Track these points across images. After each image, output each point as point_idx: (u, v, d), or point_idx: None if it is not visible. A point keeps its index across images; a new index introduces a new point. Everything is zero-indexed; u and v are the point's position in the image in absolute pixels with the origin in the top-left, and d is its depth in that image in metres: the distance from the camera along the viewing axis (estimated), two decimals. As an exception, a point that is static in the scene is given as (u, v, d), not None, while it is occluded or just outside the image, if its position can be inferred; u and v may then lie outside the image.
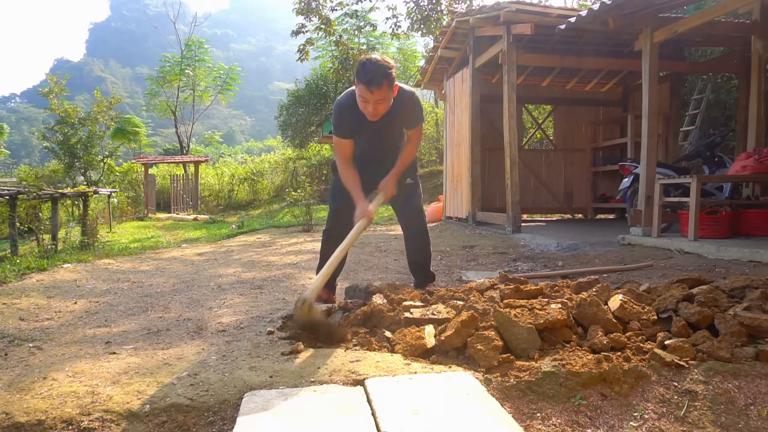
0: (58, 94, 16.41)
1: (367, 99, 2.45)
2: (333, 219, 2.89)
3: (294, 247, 5.83)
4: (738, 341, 1.82)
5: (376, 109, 2.48)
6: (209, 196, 18.90)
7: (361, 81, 2.41)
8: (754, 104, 5.44)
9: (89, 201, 8.52)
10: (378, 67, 2.40)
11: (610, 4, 4.34)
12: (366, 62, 2.43)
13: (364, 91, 2.43)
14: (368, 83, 2.39)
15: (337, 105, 2.66)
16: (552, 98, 8.82)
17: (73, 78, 23.07)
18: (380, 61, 2.43)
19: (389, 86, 2.45)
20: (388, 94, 2.48)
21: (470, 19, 6.50)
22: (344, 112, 2.63)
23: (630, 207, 5.53)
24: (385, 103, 2.50)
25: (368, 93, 2.42)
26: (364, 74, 2.40)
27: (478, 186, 7.07)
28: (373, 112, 2.50)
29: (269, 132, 54.18)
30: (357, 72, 2.44)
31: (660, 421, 1.52)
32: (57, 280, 3.82)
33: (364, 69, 2.41)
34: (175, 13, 25.78)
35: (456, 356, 1.87)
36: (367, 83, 2.39)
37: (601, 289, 2.22)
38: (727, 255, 3.79)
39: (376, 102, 2.45)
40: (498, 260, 4.44)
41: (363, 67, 2.42)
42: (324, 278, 2.27)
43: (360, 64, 2.45)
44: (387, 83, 2.42)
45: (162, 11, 32.20)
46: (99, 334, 2.39)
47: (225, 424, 1.50)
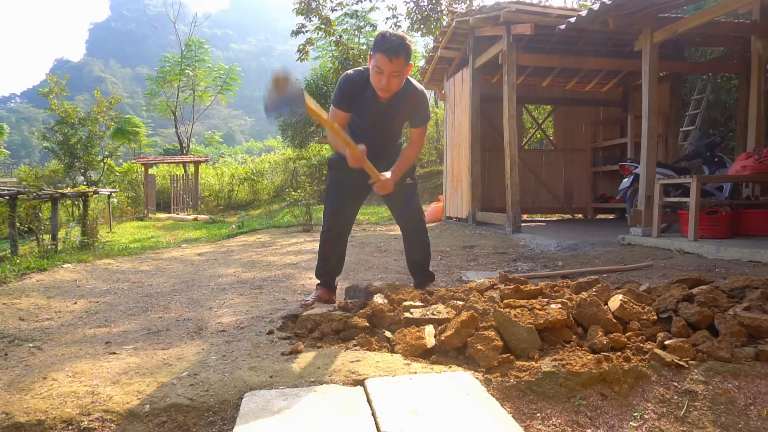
0: (58, 94, 16.41)
1: (382, 69, 2.40)
2: (331, 219, 2.83)
3: (294, 247, 5.83)
4: (738, 341, 1.82)
5: (390, 82, 2.43)
6: (209, 196, 18.90)
7: (380, 49, 2.37)
8: (754, 104, 5.44)
9: (89, 201, 8.52)
10: (398, 37, 2.38)
11: (610, 4, 4.34)
12: (385, 33, 2.41)
13: (382, 60, 2.37)
14: (387, 51, 2.35)
15: (345, 76, 2.60)
16: (552, 98, 8.82)
17: (73, 78, 23.07)
18: (399, 33, 2.42)
19: (406, 59, 2.42)
20: (404, 68, 2.43)
21: (470, 19, 6.50)
22: (349, 86, 2.57)
23: (630, 207, 5.53)
24: (399, 78, 2.45)
25: (386, 61, 2.37)
26: (384, 42, 2.36)
27: (478, 186, 7.07)
28: (387, 85, 2.44)
29: (269, 132, 54.19)
30: (375, 42, 2.41)
31: (660, 421, 1.52)
32: (57, 280, 3.82)
33: (384, 38, 2.38)
34: (175, 13, 25.79)
35: (456, 356, 1.87)
36: (387, 51, 2.35)
37: (601, 289, 2.22)
38: (727, 255, 3.79)
39: (391, 73, 2.40)
40: (498, 260, 4.44)
41: (383, 37, 2.38)
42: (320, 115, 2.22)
43: (379, 35, 2.42)
44: (405, 55, 2.40)
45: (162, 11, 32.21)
46: (99, 334, 2.39)
47: (225, 424, 1.50)
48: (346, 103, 2.60)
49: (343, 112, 2.61)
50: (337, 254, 2.87)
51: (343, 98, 2.59)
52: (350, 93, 2.57)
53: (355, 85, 2.57)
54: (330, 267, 2.87)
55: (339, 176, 2.80)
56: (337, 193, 2.82)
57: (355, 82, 2.57)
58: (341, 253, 2.90)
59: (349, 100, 2.59)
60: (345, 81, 2.59)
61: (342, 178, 2.77)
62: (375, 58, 2.42)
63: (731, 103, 8.06)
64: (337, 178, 2.82)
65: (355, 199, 2.88)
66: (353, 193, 2.78)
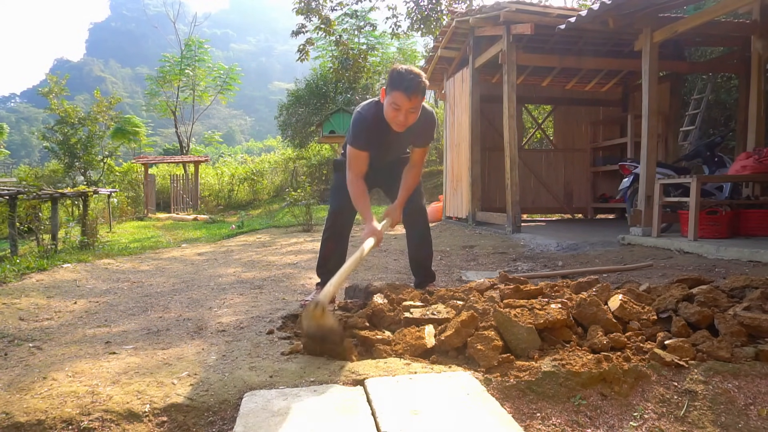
0: (58, 94, 16.39)
1: (400, 107, 2.40)
2: (333, 218, 2.87)
3: (294, 247, 5.83)
4: (738, 341, 1.82)
5: (407, 119, 2.45)
6: (209, 196, 18.89)
7: (399, 88, 2.37)
8: (754, 104, 5.44)
9: (89, 201, 8.51)
10: (416, 75, 2.39)
11: (610, 4, 4.34)
12: (403, 70, 2.40)
13: (401, 98, 2.38)
14: (407, 89, 2.36)
15: (360, 116, 2.58)
16: (552, 98, 8.82)
17: (73, 78, 23.07)
18: (415, 70, 2.42)
19: (422, 96, 2.44)
20: (420, 104, 2.46)
21: (470, 19, 6.50)
22: (366, 124, 2.56)
23: (630, 207, 5.53)
24: (416, 114, 2.47)
25: (406, 100, 2.38)
26: (403, 81, 2.36)
27: (478, 186, 7.07)
28: (404, 122, 2.46)
29: (269, 132, 54.16)
30: (393, 79, 2.40)
31: (660, 421, 1.52)
32: (57, 280, 3.82)
33: (401, 76, 2.38)
34: (175, 13, 25.77)
35: (456, 356, 1.87)
36: (406, 89, 2.36)
37: (601, 289, 2.22)
38: (726, 255, 3.79)
39: (408, 111, 2.42)
40: (498, 260, 4.44)
41: (401, 75, 2.38)
42: (336, 287, 2.11)
43: (396, 72, 2.41)
44: (422, 93, 2.42)
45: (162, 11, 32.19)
46: (99, 334, 2.39)
47: (225, 424, 1.50)
48: (365, 141, 2.58)
49: (364, 152, 2.60)
50: (338, 253, 2.89)
51: (361, 138, 2.57)
52: (368, 132, 2.57)
53: (371, 122, 2.57)
54: (331, 266, 2.87)
55: (343, 177, 2.82)
56: (342, 193, 2.84)
57: (370, 119, 2.57)
58: (342, 252, 2.92)
59: (368, 138, 2.58)
60: (361, 122, 2.57)
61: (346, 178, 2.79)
62: (392, 95, 2.41)
63: (731, 102, 8.06)
64: (342, 179, 2.84)
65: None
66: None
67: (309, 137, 17.54)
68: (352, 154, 2.60)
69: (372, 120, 2.56)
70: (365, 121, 2.57)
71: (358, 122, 2.57)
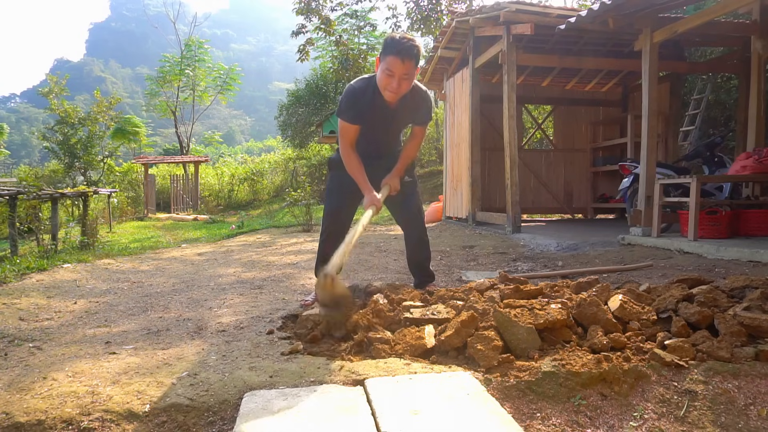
0: (58, 94, 16.40)
1: (393, 72, 2.40)
2: (331, 219, 2.84)
3: (294, 247, 5.83)
4: (738, 341, 1.82)
5: (400, 85, 2.44)
6: (209, 196, 18.90)
7: (392, 52, 2.37)
8: (753, 104, 5.44)
9: (89, 201, 8.52)
10: (409, 40, 2.39)
11: (610, 4, 4.34)
12: (396, 36, 2.42)
13: (395, 63, 2.38)
14: (400, 53, 2.36)
15: (350, 88, 2.58)
16: (552, 98, 8.82)
17: (73, 78, 23.06)
18: (409, 36, 2.43)
19: (416, 62, 2.43)
20: (413, 70, 2.45)
21: (470, 19, 6.50)
22: (356, 97, 2.55)
23: (630, 207, 5.53)
24: (408, 81, 2.46)
25: (399, 63, 2.37)
26: (396, 44, 2.37)
27: (478, 186, 7.07)
28: (397, 88, 2.45)
29: (269, 132, 54.18)
30: (387, 45, 2.41)
31: (660, 421, 1.52)
32: (57, 280, 3.82)
33: (395, 41, 2.38)
34: (175, 14, 25.77)
35: (456, 356, 1.87)
36: (399, 53, 2.36)
37: (601, 289, 2.22)
38: (726, 255, 3.79)
39: (401, 76, 2.41)
40: (498, 260, 4.44)
41: (393, 40, 2.39)
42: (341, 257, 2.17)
43: (389, 38, 2.42)
44: (416, 58, 2.41)
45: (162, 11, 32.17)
46: (99, 334, 2.39)
47: (225, 424, 1.50)
48: (354, 114, 2.58)
49: (353, 125, 2.60)
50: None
51: (351, 110, 2.57)
52: (357, 104, 2.56)
53: (363, 94, 2.56)
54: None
55: (339, 176, 2.81)
56: (338, 192, 2.84)
57: (361, 92, 2.56)
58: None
59: (358, 110, 2.57)
60: (351, 92, 2.57)
61: (342, 177, 2.78)
62: (386, 60, 2.41)
63: (731, 103, 8.06)
64: (338, 178, 2.83)
65: (355, 199, 2.89)
66: (353, 192, 2.78)
67: (309, 137, 17.55)
68: (342, 128, 2.62)
69: (360, 90, 2.55)
70: (353, 90, 2.56)
71: (348, 93, 2.58)
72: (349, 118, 2.59)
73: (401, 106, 2.61)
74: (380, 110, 2.58)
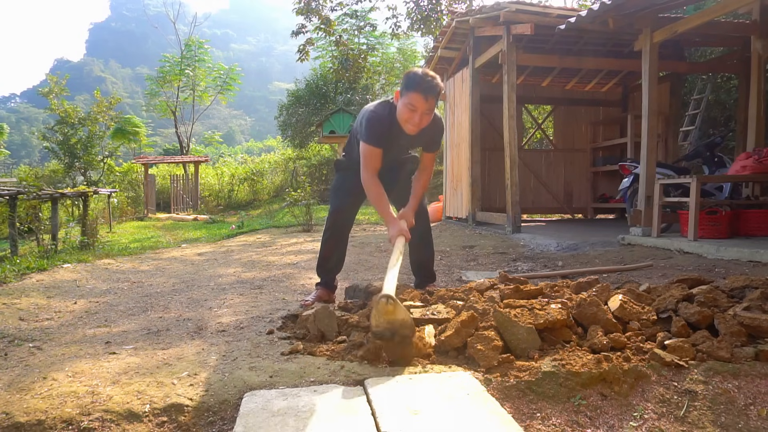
0: (58, 94, 16.39)
1: (416, 108, 2.43)
2: (333, 218, 2.86)
3: (294, 247, 5.83)
4: (738, 341, 1.82)
5: (422, 120, 2.47)
6: (209, 196, 18.88)
7: (416, 89, 2.40)
8: (753, 104, 5.44)
9: (89, 201, 8.51)
10: (433, 78, 2.43)
11: (610, 4, 4.35)
12: (420, 72, 2.44)
13: (419, 100, 2.41)
14: (425, 91, 2.39)
15: (375, 116, 2.58)
16: (552, 98, 8.83)
17: (73, 78, 23.06)
18: (431, 74, 2.46)
19: (438, 98, 2.49)
20: (435, 106, 2.50)
21: (470, 19, 6.50)
22: (383, 124, 2.57)
23: (630, 207, 5.53)
24: (429, 116, 2.50)
25: (422, 101, 2.41)
26: (420, 82, 2.40)
27: (478, 186, 7.07)
28: (419, 123, 2.48)
29: (269, 132, 54.17)
30: (410, 80, 2.43)
31: (660, 421, 1.52)
32: (57, 280, 3.82)
33: (419, 78, 2.41)
34: (175, 13, 25.76)
35: (456, 356, 1.87)
36: (424, 91, 2.39)
37: (601, 289, 2.22)
38: (726, 255, 3.79)
39: (424, 112, 2.45)
40: (498, 260, 4.44)
41: (418, 76, 2.42)
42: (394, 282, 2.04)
43: (413, 74, 2.45)
44: (437, 96, 2.46)
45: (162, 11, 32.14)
46: (99, 334, 2.39)
47: (225, 424, 1.50)
48: (380, 140, 2.58)
49: (379, 149, 2.60)
50: (338, 253, 2.91)
51: (378, 136, 2.57)
52: (383, 130, 2.58)
53: (386, 120, 2.58)
54: (331, 265, 2.91)
55: (344, 176, 2.87)
56: (342, 192, 2.87)
57: (384, 119, 2.58)
58: (342, 251, 2.94)
59: (384, 137, 2.58)
60: (377, 120, 2.57)
61: (347, 178, 2.82)
62: (409, 96, 2.43)
63: (731, 103, 8.06)
64: (343, 178, 2.88)
65: (358, 199, 2.91)
66: (358, 194, 2.81)
67: (309, 137, 17.55)
68: (368, 152, 2.58)
69: (385, 117, 2.58)
70: (379, 118, 2.57)
71: (376, 121, 2.57)
72: (376, 143, 2.57)
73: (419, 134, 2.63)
74: (398, 137, 2.61)
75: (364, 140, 2.59)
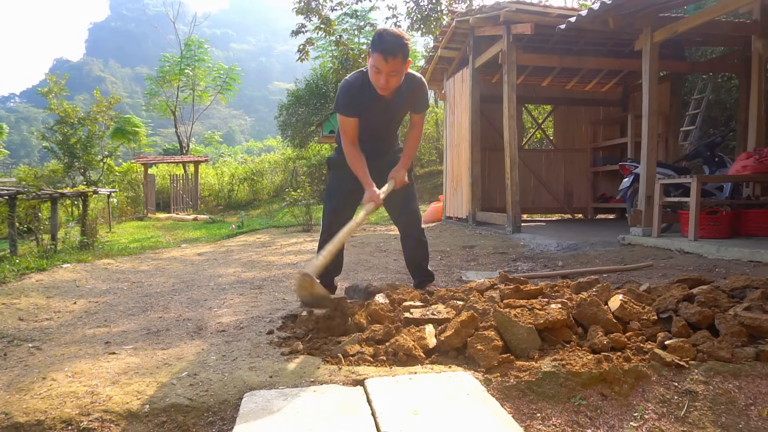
0: (57, 93, 16.38)
1: (380, 69, 2.41)
2: (330, 219, 2.82)
3: (294, 247, 5.83)
4: (738, 341, 1.82)
5: (388, 81, 2.45)
6: (209, 196, 18.89)
7: (377, 50, 2.38)
8: (754, 104, 5.44)
9: (89, 201, 8.51)
10: (395, 37, 2.39)
11: (610, 4, 4.34)
12: (383, 32, 2.42)
13: (379, 61, 2.39)
14: (384, 52, 2.37)
15: (345, 83, 2.61)
16: (552, 98, 8.82)
17: (72, 78, 23.07)
18: (397, 32, 2.43)
19: (404, 59, 2.43)
20: (402, 67, 2.45)
21: (470, 18, 6.50)
22: (351, 91, 2.58)
23: (630, 207, 5.53)
24: (398, 77, 2.47)
25: (383, 62, 2.38)
26: (381, 43, 2.38)
27: (478, 186, 7.07)
28: (385, 85, 2.46)
29: (269, 132, 54.16)
30: (373, 41, 2.42)
31: (660, 421, 1.52)
32: (56, 280, 3.81)
33: (381, 38, 2.39)
34: (174, 13, 25.78)
35: (456, 356, 1.87)
36: (383, 52, 2.37)
37: (601, 289, 2.22)
38: (727, 255, 3.79)
39: (389, 73, 2.42)
40: (498, 260, 4.44)
41: (380, 37, 2.40)
42: (326, 259, 2.24)
43: (377, 34, 2.43)
44: (402, 55, 2.41)
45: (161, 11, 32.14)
46: (98, 334, 2.39)
47: (225, 424, 1.49)
48: (351, 108, 2.60)
49: (352, 119, 2.62)
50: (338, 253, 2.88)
51: (348, 105, 2.60)
52: (353, 98, 2.59)
53: (356, 89, 2.58)
54: (330, 267, 2.87)
55: (339, 175, 2.82)
56: (338, 192, 2.84)
57: (354, 86, 2.58)
58: (340, 253, 2.91)
59: (354, 103, 2.59)
60: (345, 87, 2.60)
61: (342, 177, 2.78)
62: (372, 57, 2.43)
63: (731, 102, 8.06)
64: (337, 178, 2.84)
65: (355, 198, 2.89)
66: (353, 192, 2.79)
67: (309, 137, 17.55)
68: (342, 122, 2.64)
69: (355, 84, 2.58)
70: (348, 84, 2.60)
71: (343, 87, 2.61)
72: (347, 112, 2.61)
73: (397, 96, 2.63)
74: (376, 102, 2.60)
75: (337, 110, 2.63)
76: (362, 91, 2.57)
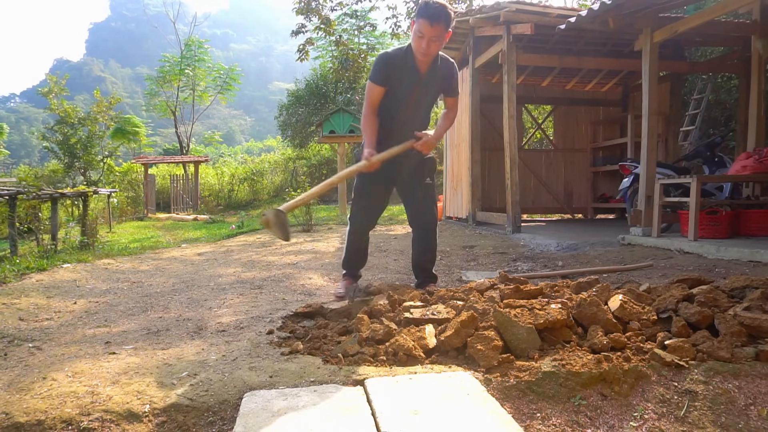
0: (57, 94, 16.37)
1: (424, 34, 2.54)
2: (360, 215, 2.97)
3: (294, 247, 5.82)
4: (738, 341, 1.82)
5: (429, 47, 2.58)
6: (209, 196, 18.87)
7: (422, 15, 2.52)
8: (754, 104, 5.44)
9: (89, 201, 8.51)
10: (440, 5, 2.53)
11: (610, 4, 4.34)
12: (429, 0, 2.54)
13: (425, 25, 2.52)
14: (430, 17, 2.51)
15: (383, 54, 2.76)
16: (552, 98, 8.82)
17: (72, 78, 23.07)
18: (442, 2, 2.55)
19: (446, 27, 2.57)
20: (443, 33, 2.58)
21: (470, 19, 6.51)
22: (387, 60, 2.72)
23: (630, 207, 5.53)
24: (438, 43, 2.60)
25: (428, 27, 2.52)
26: (427, 9, 2.52)
27: (478, 186, 7.07)
28: (426, 50, 2.59)
29: (269, 132, 54.14)
30: (419, 9, 2.56)
31: (660, 421, 1.52)
32: (57, 280, 3.82)
33: (426, 5, 2.53)
34: (174, 13, 25.75)
35: (456, 356, 1.87)
36: (429, 17, 2.51)
37: (601, 289, 2.22)
38: (727, 255, 3.79)
39: (431, 38, 2.55)
40: (498, 260, 4.44)
41: (426, 4, 2.53)
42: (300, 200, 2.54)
43: (423, 2, 2.56)
44: (445, 23, 2.55)
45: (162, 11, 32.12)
46: (99, 334, 2.39)
47: (225, 424, 1.49)
48: (382, 77, 2.73)
49: (379, 87, 2.74)
50: (363, 247, 3.06)
51: (380, 73, 2.73)
52: (387, 67, 2.72)
53: (393, 60, 2.71)
54: (358, 259, 3.08)
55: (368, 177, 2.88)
56: (368, 191, 2.94)
57: (392, 58, 2.72)
58: (366, 246, 3.09)
59: (386, 74, 2.72)
60: (382, 57, 2.75)
61: (370, 176, 2.83)
62: (417, 23, 2.56)
63: (731, 102, 8.06)
64: (366, 177, 2.90)
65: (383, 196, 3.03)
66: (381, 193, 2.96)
67: (309, 137, 17.55)
68: (368, 89, 2.77)
69: (392, 54, 2.72)
70: (385, 54, 2.75)
71: (380, 58, 2.75)
72: (377, 80, 2.73)
73: (431, 74, 2.73)
74: (410, 76, 2.70)
75: (369, 78, 2.76)
76: (398, 61, 2.69)
